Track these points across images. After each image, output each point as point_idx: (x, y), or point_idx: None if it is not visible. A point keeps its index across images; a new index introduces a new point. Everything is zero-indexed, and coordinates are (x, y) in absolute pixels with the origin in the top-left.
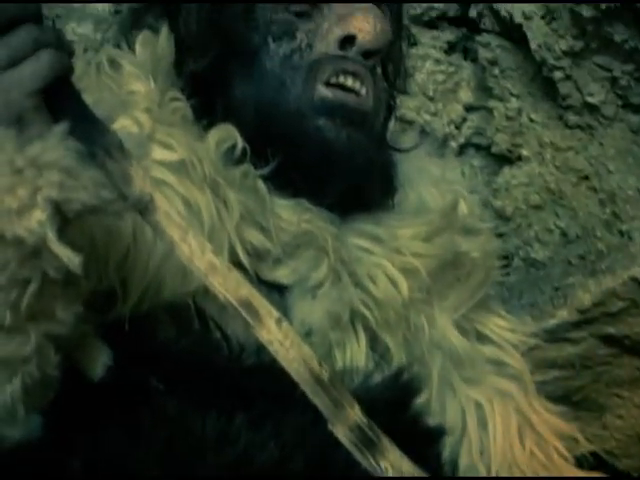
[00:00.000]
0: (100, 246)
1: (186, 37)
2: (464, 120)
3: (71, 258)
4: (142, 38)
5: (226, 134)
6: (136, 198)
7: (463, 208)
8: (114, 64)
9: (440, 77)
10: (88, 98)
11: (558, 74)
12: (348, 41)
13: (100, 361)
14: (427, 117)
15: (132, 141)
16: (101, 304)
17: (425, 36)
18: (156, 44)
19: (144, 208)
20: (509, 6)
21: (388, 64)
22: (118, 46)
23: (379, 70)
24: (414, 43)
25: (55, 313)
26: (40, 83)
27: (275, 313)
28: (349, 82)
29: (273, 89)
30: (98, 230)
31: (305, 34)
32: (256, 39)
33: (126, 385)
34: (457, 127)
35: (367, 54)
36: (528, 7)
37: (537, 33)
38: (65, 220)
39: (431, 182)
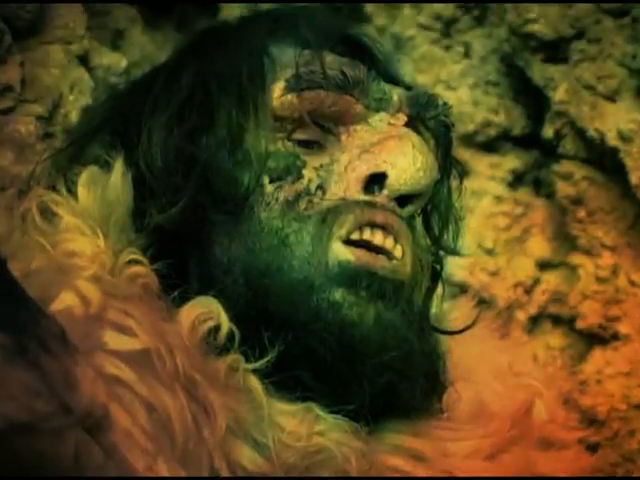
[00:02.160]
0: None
1: (148, 175)
2: (537, 282)
3: None
4: (86, 177)
5: (205, 311)
6: (83, 410)
7: (540, 411)
8: (47, 214)
9: (502, 221)
10: (15, 267)
11: None
12: (376, 181)
13: None
14: (484, 278)
15: (77, 327)
16: None
17: (481, 163)
18: (106, 185)
19: (94, 425)
20: (599, 124)
21: (432, 213)
22: (53, 188)
23: (419, 221)
24: (464, 174)
25: None
26: None
27: None
28: (377, 239)
29: (270, 249)
30: (26, 454)
31: (315, 172)
32: (246, 179)
33: None
34: (527, 292)
35: (403, 199)
36: (626, 125)
37: None
38: None
39: (493, 375)
